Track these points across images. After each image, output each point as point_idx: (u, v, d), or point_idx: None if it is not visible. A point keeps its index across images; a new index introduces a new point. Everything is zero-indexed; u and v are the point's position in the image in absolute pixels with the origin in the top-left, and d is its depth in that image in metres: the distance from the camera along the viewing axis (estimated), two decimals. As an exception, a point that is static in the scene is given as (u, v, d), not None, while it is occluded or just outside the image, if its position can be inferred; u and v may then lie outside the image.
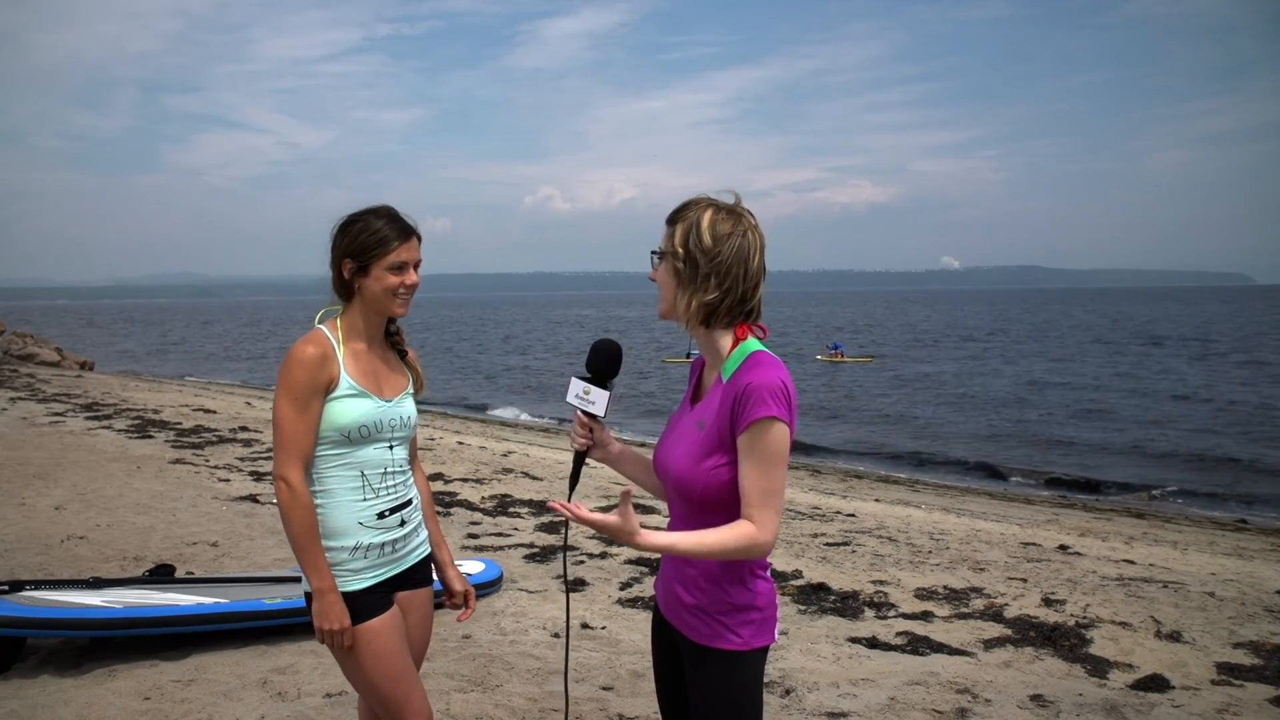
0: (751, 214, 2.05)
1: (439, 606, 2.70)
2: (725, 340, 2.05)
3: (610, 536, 1.91)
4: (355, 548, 2.40)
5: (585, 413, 2.17)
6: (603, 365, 2.17)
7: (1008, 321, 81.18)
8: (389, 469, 2.46)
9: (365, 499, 2.41)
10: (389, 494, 2.45)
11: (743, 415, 1.93)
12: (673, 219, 2.05)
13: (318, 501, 2.39)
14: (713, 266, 1.98)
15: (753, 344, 2.03)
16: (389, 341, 2.56)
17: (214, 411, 16.31)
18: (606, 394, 2.16)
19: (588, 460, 2.24)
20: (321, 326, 2.43)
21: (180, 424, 13.89)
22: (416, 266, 2.44)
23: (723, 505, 1.99)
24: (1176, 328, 67.00)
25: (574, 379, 2.18)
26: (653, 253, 2.09)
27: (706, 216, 2.00)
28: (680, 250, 2.00)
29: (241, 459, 10.71)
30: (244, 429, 13.53)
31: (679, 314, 2.04)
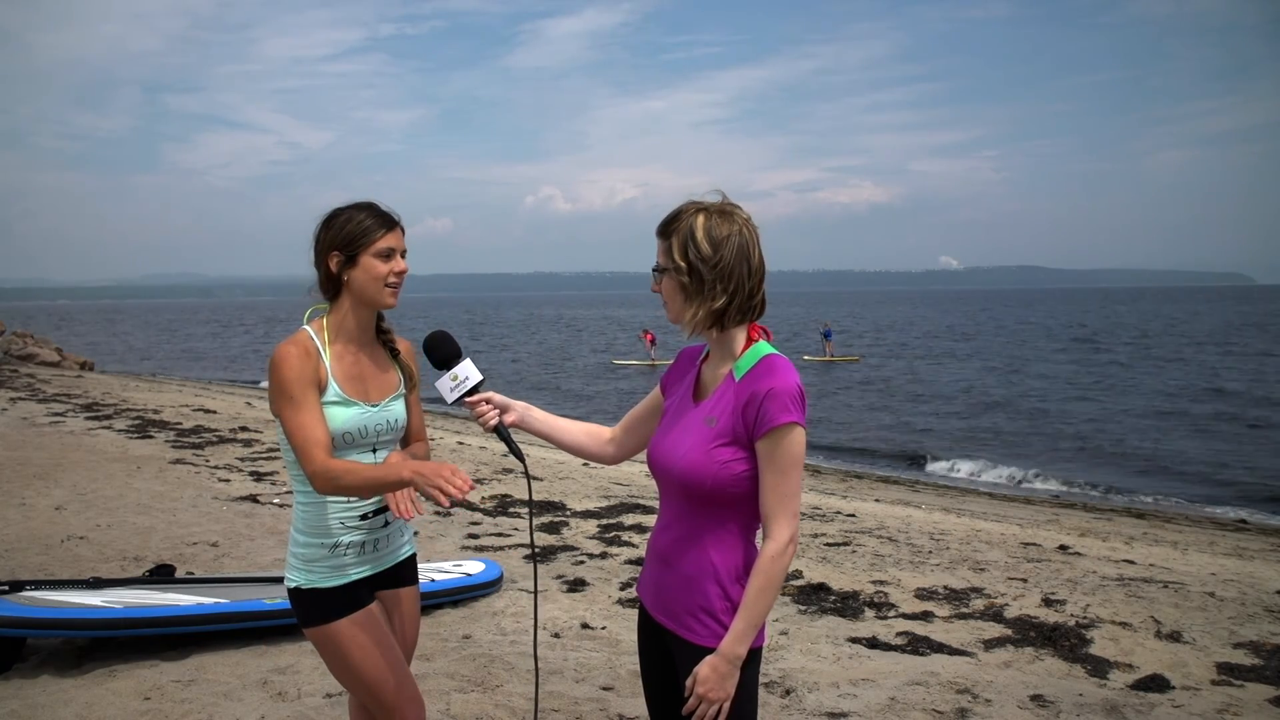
0: (741, 209, 2.04)
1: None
2: (738, 340, 2.05)
3: (715, 690, 1.95)
4: (336, 545, 2.40)
5: (471, 391, 2.29)
6: (446, 351, 2.31)
7: (1019, 322, 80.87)
8: None
9: (349, 500, 2.40)
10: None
11: (763, 421, 1.93)
12: (664, 231, 2.04)
13: (301, 501, 2.39)
14: (716, 273, 1.97)
15: (765, 346, 2.04)
16: (380, 340, 2.52)
17: (214, 412, 16.31)
18: (467, 360, 2.29)
19: (504, 430, 2.31)
20: (307, 326, 2.41)
21: (180, 424, 13.89)
22: (403, 255, 2.43)
23: (731, 500, 1.99)
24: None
25: (438, 381, 2.31)
26: (653, 270, 2.08)
27: (700, 223, 1.98)
28: (682, 264, 1.99)
29: (242, 459, 10.71)
30: (244, 429, 13.53)
31: (689, 324, 2.03)
